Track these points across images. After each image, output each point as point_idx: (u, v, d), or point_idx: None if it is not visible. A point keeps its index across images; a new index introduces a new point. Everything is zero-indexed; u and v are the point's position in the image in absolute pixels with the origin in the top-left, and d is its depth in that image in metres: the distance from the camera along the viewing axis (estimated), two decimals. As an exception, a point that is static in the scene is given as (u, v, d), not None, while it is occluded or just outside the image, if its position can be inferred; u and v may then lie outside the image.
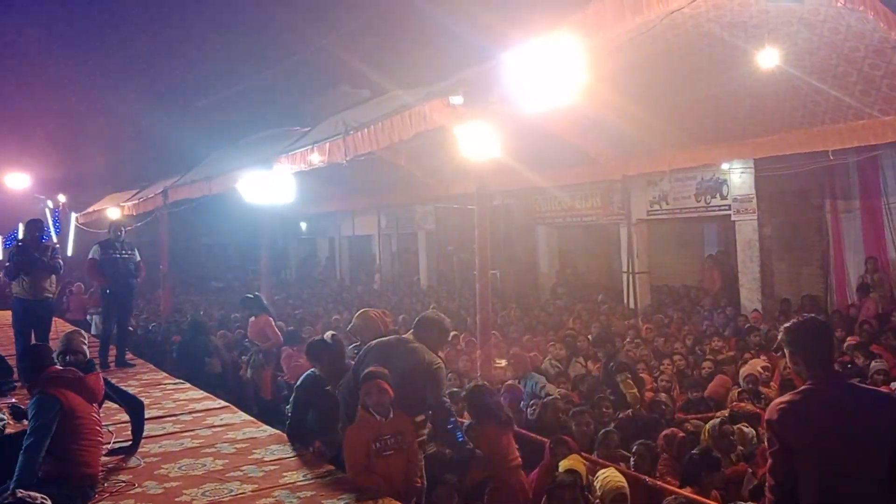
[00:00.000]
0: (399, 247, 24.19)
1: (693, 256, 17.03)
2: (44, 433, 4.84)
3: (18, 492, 4.04)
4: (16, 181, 23.25)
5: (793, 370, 3.75)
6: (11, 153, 24.15)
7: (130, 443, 6.10)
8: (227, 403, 7.95)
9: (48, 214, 24.37)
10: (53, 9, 30.28)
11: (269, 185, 10.26)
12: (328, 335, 6.57)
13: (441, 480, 5.23)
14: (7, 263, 9.89)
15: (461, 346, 10.76)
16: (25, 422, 5.46)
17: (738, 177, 12.82)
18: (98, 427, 5.32)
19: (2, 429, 5.80)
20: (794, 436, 3.47)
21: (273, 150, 11.04)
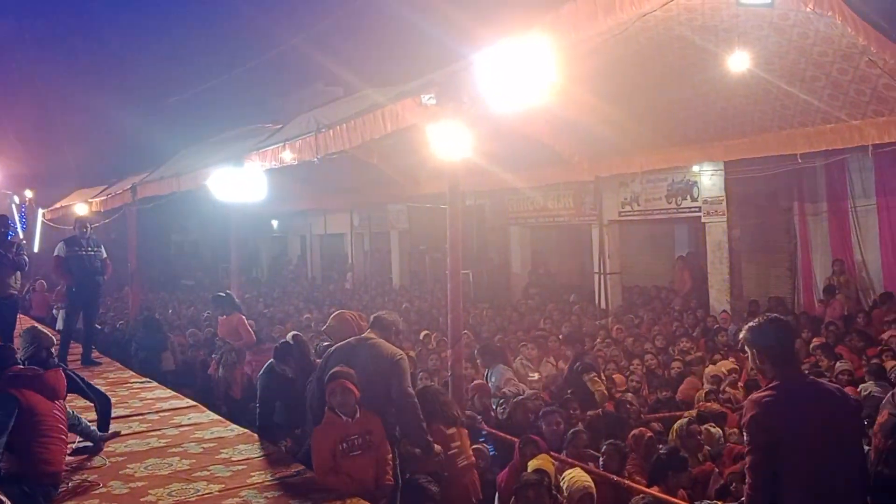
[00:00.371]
0: (371, 246, 24.11)
1: (664, 257, 17.14)
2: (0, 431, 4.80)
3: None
4: (-18, 177, 22.92)
5: (758, 369, 3.79)
6: (-22, 149, 23.80)
7: (96, 440, 6.04)
8: (195, 403, 7.90)
9: (15, 210, 23.98)
10: (23, 2, 29.86)
11: (240, 183, 10.13)
12: (290, 336, 6.59)
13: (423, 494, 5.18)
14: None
15: (433, 346, 10.78)
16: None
17: (709, 179, 12.93)
18: (61, 425, 5.26)
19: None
20: (782, 428, 3.49)
21: (244, 147, 10.93)
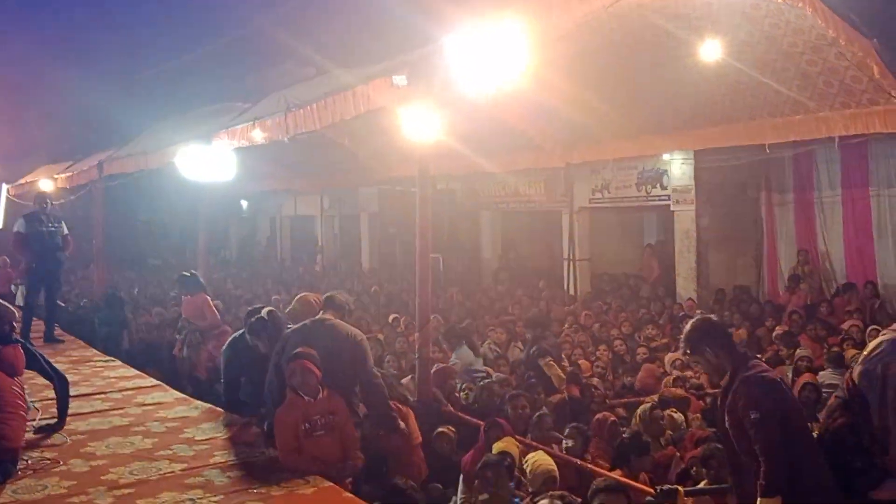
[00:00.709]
0: (341, 228, 23.98)
1: (634, 245, 17.23)
2: None
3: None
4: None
5: (713, 369, 3.97)
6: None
7: (56, 420, 5.97)
8: (159, 382, 7.83)
9: (-22, 186, 23.50)
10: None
11: (208, 161, 10.01)
12: (265, 311, 6.53)
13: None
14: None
15: (401, 328, 10.78)
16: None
17: (679, 168, 13.02)
18: (20, 401, 5.19)
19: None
20: (786, 400, 3.89)
21: (213, 125, 10.78)
